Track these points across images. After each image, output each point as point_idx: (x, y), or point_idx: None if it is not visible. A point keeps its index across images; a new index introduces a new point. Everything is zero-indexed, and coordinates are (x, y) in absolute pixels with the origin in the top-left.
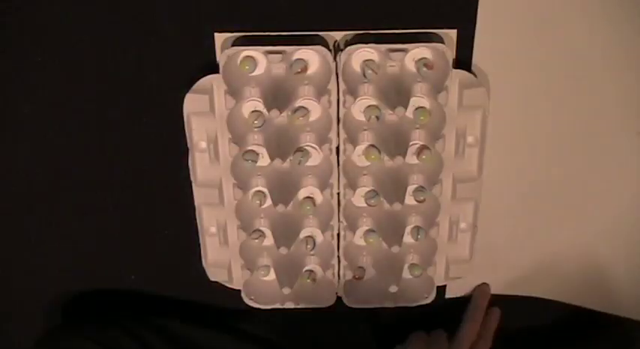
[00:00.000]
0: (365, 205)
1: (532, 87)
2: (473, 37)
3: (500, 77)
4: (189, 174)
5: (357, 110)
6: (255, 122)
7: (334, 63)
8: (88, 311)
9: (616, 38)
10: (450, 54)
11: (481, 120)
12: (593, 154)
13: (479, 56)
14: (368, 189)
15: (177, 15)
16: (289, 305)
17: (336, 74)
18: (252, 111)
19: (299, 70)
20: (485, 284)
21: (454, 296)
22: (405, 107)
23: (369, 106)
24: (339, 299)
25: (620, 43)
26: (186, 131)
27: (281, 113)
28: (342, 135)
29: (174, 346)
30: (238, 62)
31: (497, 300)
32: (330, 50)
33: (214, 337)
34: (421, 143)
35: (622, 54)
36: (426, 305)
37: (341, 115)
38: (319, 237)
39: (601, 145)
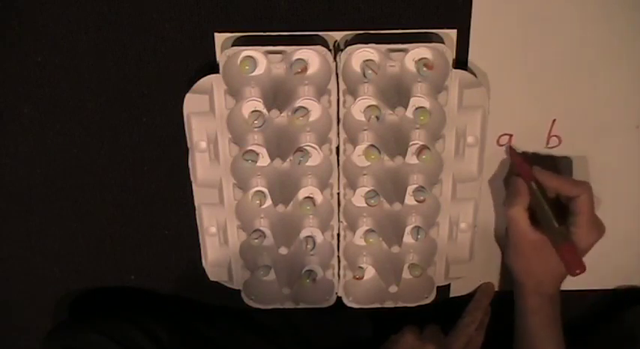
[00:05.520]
0: (365, 205)
1: (530, 83)
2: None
3: (497, 75)
4: (189, 174)
5: (357, 110)
6: (255, 122)
7: (334, 63)
8: (88, 312)
9: (613, 32)
10: (450, 54)
11: (481, 120)
12: (593, 148)
13: (476, 55)
14: (368, 189)
15: (177, 15)
16: (289, 305)
17: (336, 74)
18: (252, 111)
19: (299, 70)
20: (489, 283)
21: (459, 295)
22: (405, 107)
23: (369, 106)
24: (339, 299)
25: (616, 37)
26: (186, 131)
27: (281, 113)
28: (342, 135)
29: (184, 341)
30: (238, 62)
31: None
32: (330, 50)
33: (222, 335)
34: (421, 143)
35: (619, 48)
36: (427, 304)
37: (341, 115)
38: (319, 237)
39: (601, 139)
